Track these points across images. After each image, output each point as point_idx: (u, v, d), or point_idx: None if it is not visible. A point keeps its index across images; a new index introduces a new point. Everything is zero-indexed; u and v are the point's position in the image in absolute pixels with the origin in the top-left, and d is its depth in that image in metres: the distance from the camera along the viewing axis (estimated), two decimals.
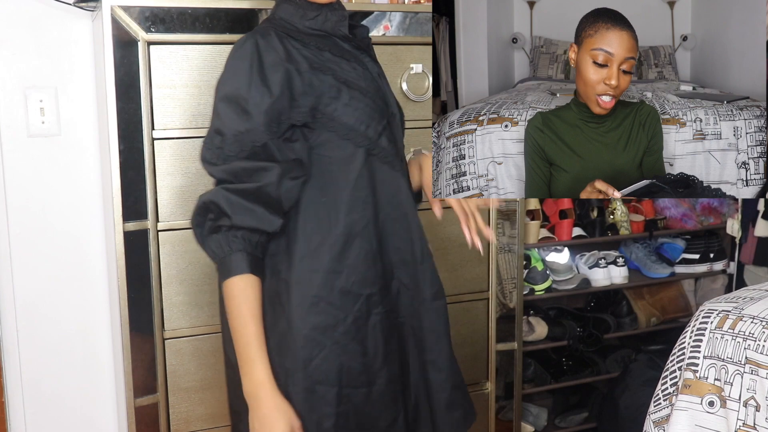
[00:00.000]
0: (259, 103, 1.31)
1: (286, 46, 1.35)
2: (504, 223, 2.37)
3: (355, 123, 1.38)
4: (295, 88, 1.34)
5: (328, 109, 1.37)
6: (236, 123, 1.32)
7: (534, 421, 2.82)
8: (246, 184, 1.32)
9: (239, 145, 1.32)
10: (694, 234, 3.05)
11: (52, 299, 2.25)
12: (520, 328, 2.43)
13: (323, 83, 1.36)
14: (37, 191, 2.20)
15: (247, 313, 1.32)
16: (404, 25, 2.13)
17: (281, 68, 1.33)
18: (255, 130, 1.32)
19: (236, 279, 1.32)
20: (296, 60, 1.35)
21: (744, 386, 1.51)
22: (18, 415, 2.26)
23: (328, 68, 1.38)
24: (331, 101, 1.37)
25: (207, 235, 1.34)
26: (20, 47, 2.14)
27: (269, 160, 1.33)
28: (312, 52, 1.38)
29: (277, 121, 1.33)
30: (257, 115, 1.31)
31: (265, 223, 1.33)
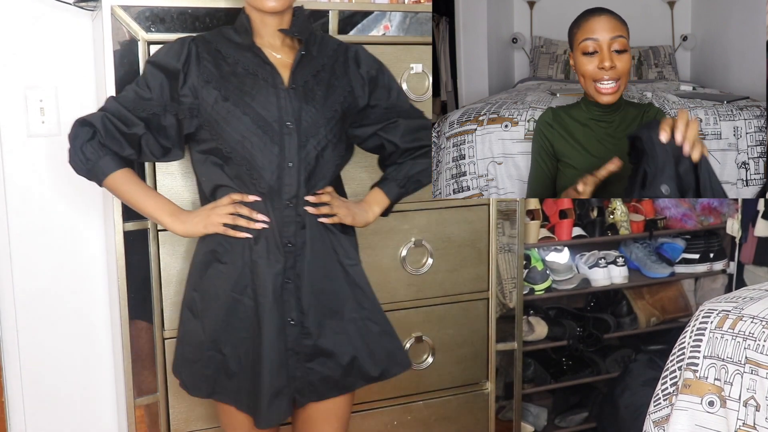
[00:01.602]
0: (158, 86, 1.64)
1: (193, 54, 1.64)
2: (504, 223, 2.37)
3: (230, 136, 1.60)
4: (180, 88, 1.63)
5: (211, 119, 1.62)
6: (143, 89, 1.65)
7: (534, 421, 2.82)
8: (121, 123, 1.63)
9: (135, 103, 1.64)
10: (694, 234, 3.05)
11: (52, 299, 2.25)
12: (520, 328, 2.43)
13: (209, 95, 1.62)
14: (37, 191, 2.20)
15: (140, 193, 1.67)
16: (404, 25, 2.13)
17: (175, 68, 1.63)
18: (151, 101, 1.64)
19: (115, 174, 1.64)
20: (191, 69, 1.63)
21: (744, 386, 1.51)
22: (18, 415, 2.26)
23: (221, 84, 1.62)
24: (211, 113, 1.62)
25: (83, 144, 1.62)
26: (20, 47, 2.14)
27: (146, 127, 1.64)
28: (220, 65, 1.64)
29: (163, 106, 1.64)
30: (156, 93, 1.64)
31: (125, 153, 1.65)
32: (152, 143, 1.66)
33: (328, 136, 1.65)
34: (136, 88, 1.66)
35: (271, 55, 1.66)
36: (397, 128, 1.78)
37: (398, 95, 1.82)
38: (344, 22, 2.06)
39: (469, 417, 2.35)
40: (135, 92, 1.66)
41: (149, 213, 1.68)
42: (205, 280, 1.68)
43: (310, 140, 1.63)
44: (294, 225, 1.64)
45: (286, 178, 1.62)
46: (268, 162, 1.60)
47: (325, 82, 1.68)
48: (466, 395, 2.34)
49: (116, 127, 1.63)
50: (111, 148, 1.64)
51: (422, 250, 2.21)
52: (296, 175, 1.62)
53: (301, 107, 1.63)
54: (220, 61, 1.65)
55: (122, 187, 1.67)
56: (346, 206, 1.72)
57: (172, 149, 1.69)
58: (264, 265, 1.63)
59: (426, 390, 2.28)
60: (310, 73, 1.67)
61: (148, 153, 1.67)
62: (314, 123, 1.63)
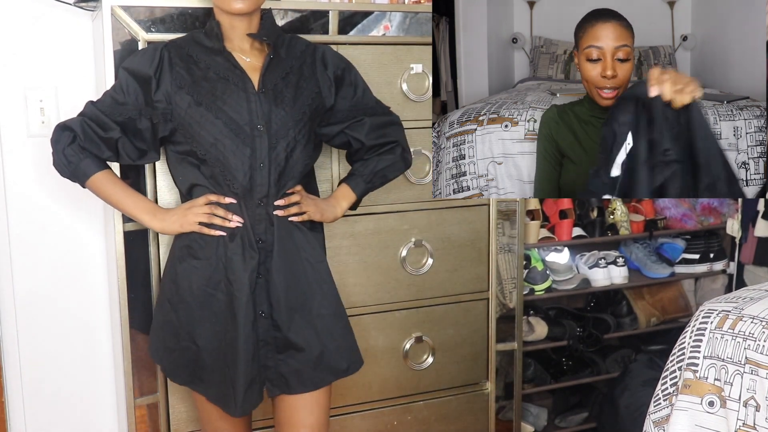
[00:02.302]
0: (133, 91, 1.70)
1: (165, 60, 1.69)
2: (504, 223, 2.37)
3: (204, 139, 1.65)
4: (153, 94, 1.68)
5: (185, 123, 1.67)
6: (119, 94, 1.70)
7: (534, 421, 2.82)
8: (98, 128, 1.69)
9: (111, 108, 1.70)
10: (694, 234, 3.05)
11: (52, 299, 2.25)
12: (520, 328, 2.43)
13: (183, 100, 1.67)
14: (37, 191, 2.20)
15: (120, 193, 1.74)
16: (404, 25, 2.13)
17: (147, 75, 1.69)
18: (126, 106, 1.69)
19: (96, 176, 1.71)
20: (164, 75, 1.68)
21: (744, 386, 1.51)
22: (18, 415, 2.26)
23: (194, 89, 1.67)
24: (185, 117, 1.66)
25: (65, 147, 1.68)
26: (20, 47, 2.14)
27: (122, 131, 1.69)
28: (191, 70, 1.69)
29: (138, 110, 1.69)
30: (131, 98, 1.69)
31: (104, 156, 1.71)
32: (128, 146, 1.72)
33: (297, 137, 1.71)
34: (112, 93, 1.72)
35: (241, 59, 1.72)
36: (363, 126, 1.83)
37: (364, 93, 1.86)
38: (344, 22, 2.06)
39: (469, 417, 2.35)
40: (111, 97, 1.71)
41: (129, 212, 1.75)
42: (180, 274, 1.73)
43: (280, 142, 1.68)
44: (264, 223, 1.70)
45: (257, 178, 1.67)
46: (240, 163, 1.66)
47: (293, 84, 1.73)
48: (466, 395, 2.34)
49: (94, 131, 1.69)
50: (91, 151, 1.70)
51: (422, 250, 2.21)
52: (267, 175, 1.68)
53: (271, 110, 1.68)
54: (191, 66, 1.70)
55: (103, 188, 1.73)
56: (315, 203, 1.77)
57: (148, 152, 1.74)
58: (239, 262, 1.68)
59: (426, 390, 2.28)
60: (279, 76, 1.72)
61: (124, 155, 1.72)
62: (284, 125, 1.69)
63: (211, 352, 1.72)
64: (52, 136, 1.71)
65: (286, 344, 1.73)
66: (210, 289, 1.70)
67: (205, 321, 1.71)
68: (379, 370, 2.20)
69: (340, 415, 2.18)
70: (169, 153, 1.77)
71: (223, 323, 1.71)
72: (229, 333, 1.70)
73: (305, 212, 1.73)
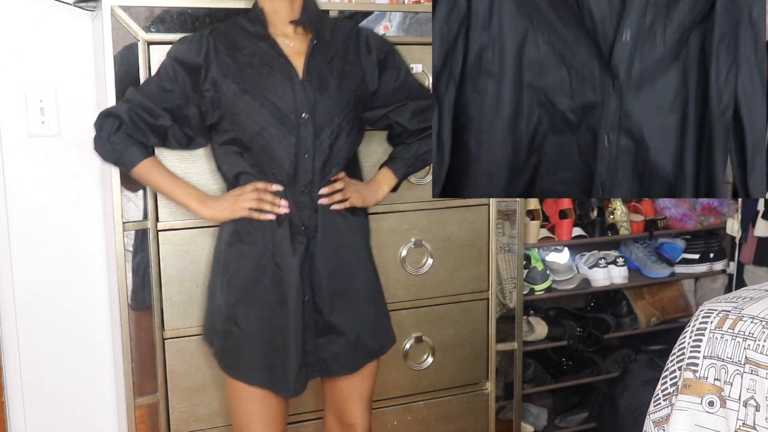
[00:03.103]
0: (181, 79, 1.70)
1: (211, 48, 1.70)
2: (504, 223, 2.37)
3: (250, 128, 1.67)
4: (202, 82, 1.69)
5: (231, 111, 1.68)
6: (166, 81, 1.71)
7: (534, 421, 2.82)
8: (147, 115, 1.71)
9: (158, 95, 1.71)
10: (694, 234, 3.05)
11: (52, 299, 2.25)
12: (520, 328, 2.43)
13: (228, 89, 1.68)
14: (37, 191, 2.20)
15: (168, 181, 1.77)
16: (404, 25, 2.13)
17: (197, 63, 1.69)
18: (174, 93, 1.70)
19: (143, 163, 1.73)
20: (212, 63, 1.69)
21: (744, 386, 1.51)
22: (18, 415, 2.26)
23: (239, 77, 1.68)
24: (231, 104, 1.68)
25: (110, 134, 1.71)
26: (20, 47, 2.14)
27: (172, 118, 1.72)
28: (236, 57, 1.69)
29: (185, 98, 1.71)
30: (179, 86, 1.70)
31: (151, 142, 1.75)
32: (178, 133, 1.75)
33: (342, 124, 1.72)
34: (158, 80, 1.72)
35: (285, 44, 1.72)
36: (406, 110, 1.85)
37: (407, 76, 1.87)
38: None
39: (469, 417, 2.35)
40: (158, 85, 1.72)
41: (178, 200, 1.78)
42: (229, 259, 1.76)
43: (324, 130, 1.70)
44: (308, 209, 1.72)
45: (302, 166, 1.69)
46: (285, 152, 1.68)
47: (338, 69, 1.74)
48: (466, 395, 2.34)
49: (142, 118, 1.71)
50: (137, 138, 1.73)
51: (422, 250, 2.21)
52: (311, 163, 1.70)
53: (315, 98, 1.69)
54: (236, 52, 1.71)
55: (150, 176, 1.76)
56: (357, 190, 1.79)
57: (195, 138, 1.78)
58: (288, 247, 1.70)
59: (426, 390, 2.28)
60: (324, 62, 1.73)
61: (173, 142, 1.76)
62: (328, 113, 1.70)
63: (255, 336, 1.73)
64: (96, 122, 1.73)
65: (326, 328, 1.75)
66: (257, 274, 1.73)
67: (250, 305, 1.73)
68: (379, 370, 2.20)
69: None
70: (213, 141, 1.79)
71: (269, 308, 1.72)
72: (275, 317, 1.72)
73: (347, 199, 1.75)
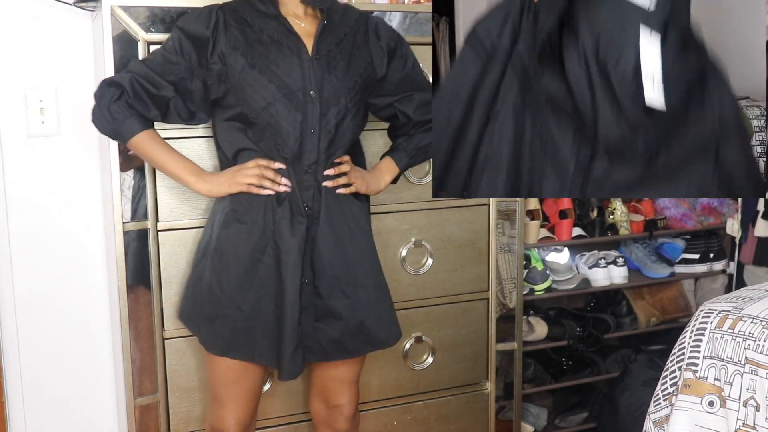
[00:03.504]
0: (187, 52, 1.68)
1: (221, 21, 1.68)
2: (504, 223, 2.37)
3: (256, 103, 1.66)
4: (209, 55, 1.67)
5: (238, 86, 1.67)
6: (171, 54, 1.68)
7: (534, 421, 2.82)
8: (150, 85, 1.67)
9: (162, 67, 1.68)
10: (694, 234, 3.05)
11: (52, 299, 2.25)
12: (520, 328, 2.43)
13: (237, 62, 1.66)
14: (37, 191, 2.20)
15: (164, 154, 1.73)
16: (404, 25, 2.13)
17: (205, 36, 1.67)
18: (179, 65, 1.68)
19: (141, 134, 1.70)
20: (220, 36, 1.67)
21: (744, 386, 1.51)
22: (18, 415, 2.26)
23: (248, 51, 1.66)
24: (238, 79, 1.66)
25: (109, 103, 1.67)
26: (20, 47, 2.14)
27: (175, 90, 1.69)
28: (246, 32, 1.68)
29: (190, 71, 1.68)
30: (185, 59, 1.68)
31: (151, 114, 1.70)
32: (180, 106, 1.71)
33: (348, 105, 1.72)
34: (163, 52, 1.70)
35: (296, 23, 1.72)
36: (412, 101, 1.86)
37: (413, 66, 1.88)
38: None
39: (469, 417, 2.35)
40: (163, 56, 1.70)
41: (173, 173, 1.74)
42: (224, 240, 1.74)
43: (331, 109, 1.70)
44: (312, 190, 1.71)
45: (307, 144, 1.69)
46: (291, 129, 1.68)
47: (347, 51, 1.74)
48: (466, 395, 2.34)
49: (144, 88, 1.68)
50: (137, 109, 1.69)
51: (422, 250, 2.21)
52: (317, 142, 1.69)
53: (323, 77, 1.69)
54: (246, 28, 1.70)
55: (146, 147, 1.72)
56: (361, 175, 1.79)
57: (197, 113, 1.75)
58: (287, 227, 1.70)
59: (426, 390, 2.28)
60: (333, 42, 1.73)
61: (174, 115, 1.72)
62: (335, 93, 1.70)
63: (259, 317, 1.72)
64: (97, 91, 1.69)
65: (325, 312, 1.75)
66: (257, 254, 1.72)
67: (251, 286, 1.72)
68: (378, 370, 2.20)
69: None
70: (215, 117, 1.78)
71: (270, 288, 1.72)
72: (277, 298, 1.71)
73: (352, 183, 1.76)
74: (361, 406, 2.19)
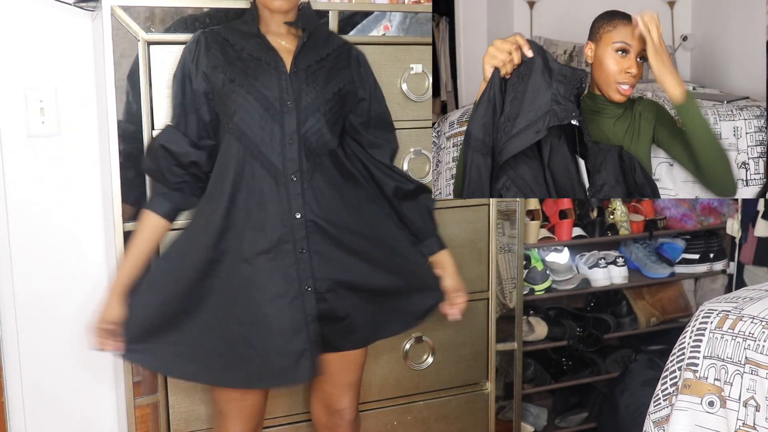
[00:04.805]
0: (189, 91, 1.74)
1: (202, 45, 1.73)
2: (504, 223, 2.37)
3: (237, 117, 1.69)
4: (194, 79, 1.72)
5: (219, 100, 1.71)
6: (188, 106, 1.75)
7: (534, 421, 2.82)
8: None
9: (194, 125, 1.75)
10: (694, 234, 3.05)
11: (52, 299, 2.25)
12: (520, 328, 2.43)
13: (218, 79, 1.71)
14: (37, 191, 2.20)
15: (131, 243, 1.77)
16: (404, 25, 2.13)
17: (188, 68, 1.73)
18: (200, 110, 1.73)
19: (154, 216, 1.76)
20: (201, 57, 1.72)
21: (744, 386, 1.51)
22: (18, 415, 2.26)
23: (227, 68, 1.71)
24: (220, 94, 1.70)
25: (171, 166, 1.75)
26: (20, 47, 2.14)
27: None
28: (226, 52, 1.73)
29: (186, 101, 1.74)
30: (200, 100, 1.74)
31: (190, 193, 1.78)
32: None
33: (327, 115, 1.74)
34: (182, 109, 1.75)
35: (276, 41, 1.76)
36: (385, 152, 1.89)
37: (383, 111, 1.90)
38: (344, 22, 2.06)
39: (469, 417, 2.35)
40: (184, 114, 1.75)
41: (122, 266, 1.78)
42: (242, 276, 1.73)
43: (309, 119, 1.72)
44: (300, 197, 1.72)
45: (288, 154, 1.71)
46: (269, 139, 1.70)
47: (327, 68, 1.77)
48: (466, 395, 2.34)
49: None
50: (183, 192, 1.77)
51: None
52: (297, 151, 1.71)
53: (301, 89, 1.72)
54: (227, 48, 1.74)
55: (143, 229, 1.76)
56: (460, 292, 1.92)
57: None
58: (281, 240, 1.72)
59: (426, 390, 2.28)
60: (314, 59, 1.76)
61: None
62: (313, 103, 1.73)
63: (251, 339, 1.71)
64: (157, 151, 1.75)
65: (329, 316, 1.75)
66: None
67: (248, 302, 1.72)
68: (379, 370, 2.20)
69: None
70: None
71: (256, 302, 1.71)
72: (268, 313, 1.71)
73: None
74: (361, 406, 2.19)
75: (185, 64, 1.74)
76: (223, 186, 1.71)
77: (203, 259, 1.70)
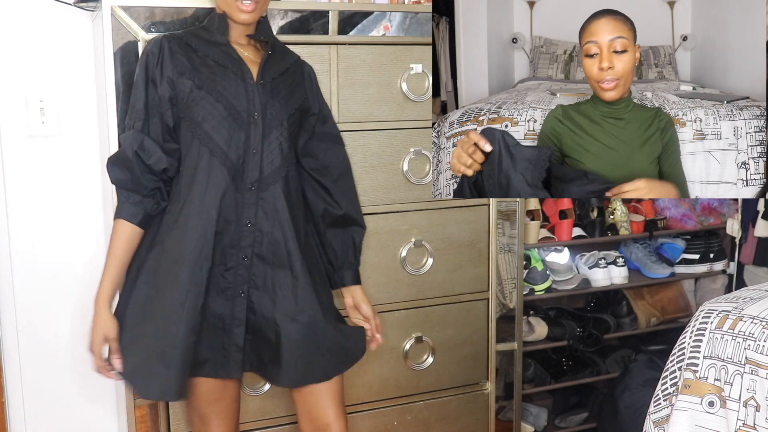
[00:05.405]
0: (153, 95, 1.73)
1: (165, 49, 1.72)
2: (504, 223, 2.37)
3: (206, 125, 1.69)
4: (160, 84, 1.71)
5: (183, 106, 1.71)
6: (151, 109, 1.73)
7: (534, 421, 2.82)
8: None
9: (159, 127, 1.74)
10: (694, 234, 3.06)
11: (52, 299, 2.25)
12: (520, 328, 2.43)
13: (185, 85, 1.71)
14: (37, 191, 2.20)
15: (110, 253, 1.75)
16: (404, 25, 2.13)
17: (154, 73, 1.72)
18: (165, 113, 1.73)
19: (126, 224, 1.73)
20: (166, 63, 1.71)
21: (744, 386, 1.51)
22: (18, 415, 2.26)
23: (194, 74, 1.71)
24: (187, 101, 1.70)
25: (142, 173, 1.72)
26: (20, 47, 2.14)
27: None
28: (191, 57, 1.73)
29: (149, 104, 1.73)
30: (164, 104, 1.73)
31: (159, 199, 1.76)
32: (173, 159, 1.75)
33: (290, 129, 1.78)
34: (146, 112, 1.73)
35: (240, 51, 1.78)
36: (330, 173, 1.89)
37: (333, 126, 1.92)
38: (344, 23, 2.06)
39: (469, 417, 2.35)
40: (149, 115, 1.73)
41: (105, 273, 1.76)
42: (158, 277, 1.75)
43: (273, 131, 1.75)
44: (254, 207, 1.73)
45: (249, 163, 1.73)
46: (235, 147, 1.71)
47: (289, 81, 1.81)
48: (466, 395, 2.34)
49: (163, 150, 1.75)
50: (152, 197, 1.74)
51: (422, 250, 2.21)
52: (259, 161, 1.73)
53: (267, 101, 1.75)
54: (191, 53, 1.75)
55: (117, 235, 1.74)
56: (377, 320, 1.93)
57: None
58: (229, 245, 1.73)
59: (426, 390, 2.28)
60: (278, 72, 1.79)
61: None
62: (278, 116, 1.75)
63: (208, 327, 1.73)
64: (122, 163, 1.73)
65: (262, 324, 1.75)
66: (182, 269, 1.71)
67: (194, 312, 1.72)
68: (379, 370, 2.20)
69: None
70: None
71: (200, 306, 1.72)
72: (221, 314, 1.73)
73: None
74: (362, 406, 2.20)
75: (149, 68, 1.73)
76: (192, 191, 1.70)
77: None
